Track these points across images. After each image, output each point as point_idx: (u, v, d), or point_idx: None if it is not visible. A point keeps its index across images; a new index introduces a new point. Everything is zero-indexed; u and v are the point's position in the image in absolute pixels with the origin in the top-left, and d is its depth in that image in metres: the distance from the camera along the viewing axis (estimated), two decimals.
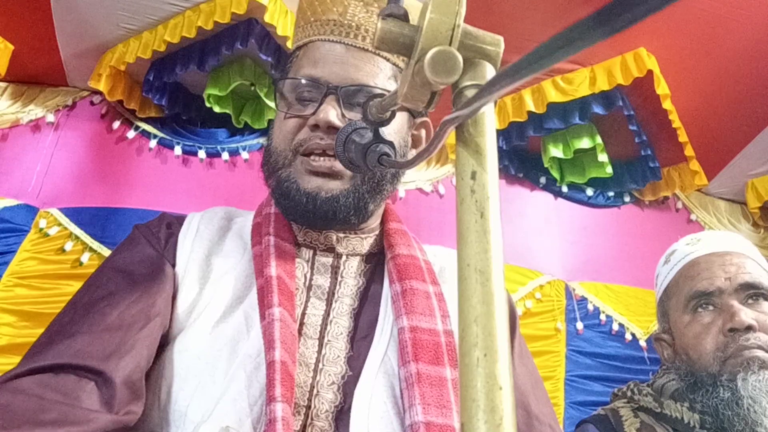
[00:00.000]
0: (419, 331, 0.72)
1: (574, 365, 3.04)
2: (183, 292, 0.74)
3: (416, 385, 0.67)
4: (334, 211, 0.76)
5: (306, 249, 0.81)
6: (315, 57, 0.79)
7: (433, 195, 3.32)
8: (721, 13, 2.47)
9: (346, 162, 0.66)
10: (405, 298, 0.75)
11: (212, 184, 3.05)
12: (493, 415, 0.30)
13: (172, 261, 0.77)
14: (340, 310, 0.77)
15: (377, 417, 0.67)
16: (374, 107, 0.58)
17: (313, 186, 0.76)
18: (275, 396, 0.62)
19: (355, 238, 0.83)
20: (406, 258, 0.80)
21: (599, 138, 3.10)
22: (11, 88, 3.02)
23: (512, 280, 3.08)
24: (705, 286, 1.11)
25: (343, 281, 0.80)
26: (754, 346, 1.03)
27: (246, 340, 0.69)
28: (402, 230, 0.86)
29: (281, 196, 0.79)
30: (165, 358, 0.70)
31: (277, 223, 0.80)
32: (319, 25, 0.81)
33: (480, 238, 0.34)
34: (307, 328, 0.74)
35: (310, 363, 0.71)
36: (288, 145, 0.79)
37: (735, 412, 1.00)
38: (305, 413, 0.68)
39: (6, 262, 2.64)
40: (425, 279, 0.79)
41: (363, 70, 0.78)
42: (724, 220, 3.60)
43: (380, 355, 0.72)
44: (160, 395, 0.67)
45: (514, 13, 2.49)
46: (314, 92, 0.78)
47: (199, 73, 2.83)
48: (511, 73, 0.29)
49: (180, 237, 0.80)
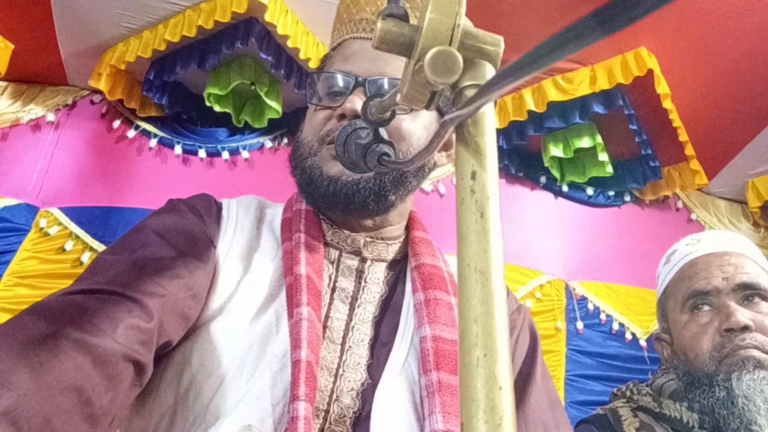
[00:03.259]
0: (441, 340, 0.72)
1: (574, 365, 3.04)
2: (222, 280, 0.73)
3: (437, 394, 0.67)
4: (353, 194, 0.76)
5: (333, 249, 0.81)
6: (347, 53, 0.81)
7: (433, 194, 3.32)
8: (721, 12, 2.47)
9: (347, 162, 0.66)
10: (428, 308, 0.75)
11: (212, 184, 3.05)
12: (493, 415, 0.30)
13: (215, 242, 0.76)
14: (362, 316, 0.77)
15: (397, 424, 0.67)
16: (374, 107, 0.58)
17: (336, 170, 0.76)
18: (299, 395, 0.62)
19: (381, 244, 0.83)
20: (430, 268, 0.80)
21: (599, 137, 3.10)
22: (11, 87, 3.02)
23: (512, 279, 3.09)
24: (702, 285, 1.11)
25: (367, 287, 0.80)
26: (749, 346, 1.03)
27: (275, 339, 0.69)
28: (427, 240, 0.87)
29: (306, 183, 0.79)
30: (193, 344, 0.69)
31: (308, 221, 0.80)
32: (353, 24, 0.83)
33: (480, 238, 0.34)
34: (331, 332, 0.74)
35: (332, 368, 0.71)
36: (316, 136, 0.80)
37: (730, 411, 1.00)
38: (324, 417, 0.68)
39: (6, 262, 2.65)
40: (448, 290, 0.79)
41: (392, 65, 0.78)
42: (725, 219, 3.60)
43: (401, 361, 0.72)
44: (181, 380, 0.67)
45: (514, 13, 2.49)
46: (344, 86, 0.79)
47: (199, 72, 2.83)
48: (511, 73, 0.29)
49: (223, 222, 0.79)
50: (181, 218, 0.77)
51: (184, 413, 0.65)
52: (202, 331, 0.70)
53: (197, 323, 0.70)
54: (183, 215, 0.78)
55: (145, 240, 0.72)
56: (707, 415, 1.04)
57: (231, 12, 2.48)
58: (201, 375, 0.66)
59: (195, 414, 0.64)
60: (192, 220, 0.77)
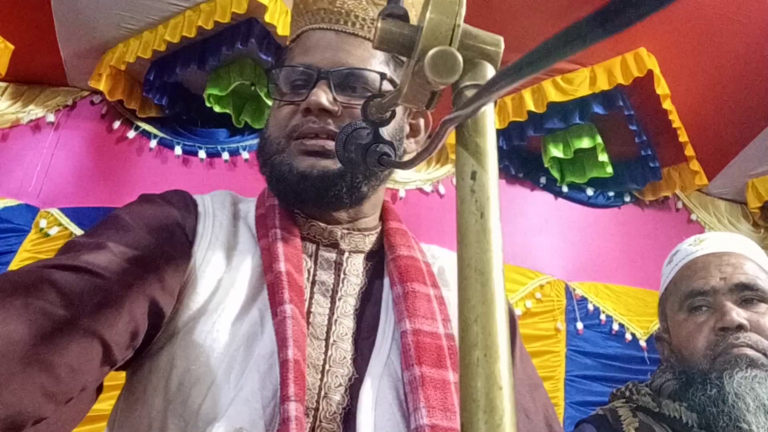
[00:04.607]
0: (422, 334, 0.72)
1: (574, 365, 3.04)
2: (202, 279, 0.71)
3: (420, 389, 0.67)
4: (326, 188, 0.75)
5: (309, 243, 0.81)
6: (307, 45, 0.80)
7: (433, 195, 3.32)
8: (721, 13, 2.47)
9: (346, 162, 0.66)
10: (407, 301, 0.75)
11: (212, 184, 3.05)
12: (493, 415, 0.30)
13: (191, 238, 0.75)
14: (344, 310, 0.76)
15: (383, 420, 0.67)
16: (374, 107, 0.58)
17: (306, 165, 0.75)
18: (289, 395, 0.62)
19: (357, 235, 0.82)
20: (407, 259, 0.80)
21: (599, 138, 3.10)
22: (11, 88, 3.02)
23: (512, 280, 3.09)
24: (700, 285, 1.11)
25: (347, 279, 0.79)
26: (743, 345, 1.03)
27: (261, 339, 0.68)
28: (402, 230, 0.86)
29: (276, 180, 0.78)
30: (177, 347, 0.68)
31: (282, 216, 0.79)
32: (310, 15, 0.82)
33: (480, 238, 0.34)
34: (314, 328, 0.73)
35: (318, 364, 0.70)
36: (282, 132, 0.79)
37: (720, 408, 1.00)
38: (314, 415, 0.67)
39: (6, 262, 2.64)
40: (426, 282, 0.79)
41: (354, 55, 0.78)
42: (725, 220, 3.60)
43: (384, 357, 0.72)
44: (169, 385, 0.66)
45: (514, 13, 2.49)
46: (306, 79, 0.78)
47: (199, 73, 2.83)
48: (511, 73, 0.29)
49: (200, 218, 0.78)
50: (155, 209, 0.76)
51: (174, 419, 0.64)
52: (186, 334, 0.68)
53: (179, 325, 0.69)
54: (158, 207, 0.76)
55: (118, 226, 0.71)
56: (700, 413, 1.04)
57: (231, 12, 2.49)
58: (188, 379, 0.65)
59: (185, 419, 0.64)
60: (168, 212, 0.76)
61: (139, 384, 0.69)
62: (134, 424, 0.67)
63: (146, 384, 0.68)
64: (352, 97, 0.77)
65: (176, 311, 0.70)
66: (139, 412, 0.67)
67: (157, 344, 0.69)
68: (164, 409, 0.65)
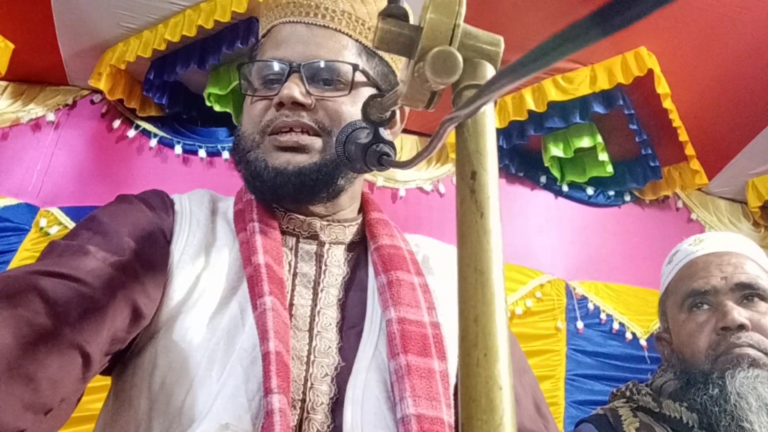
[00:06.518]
0: (407, 322, 0.72)
1: (574, 364, 3.04)
2: (179, 277, 0.71)
3: (406, 378, 0.67)
4: (302, 183, 0.75)
5: (289, 236, 0.81)
6: (278, 39, 0.80)
7: (433, 194, 3.32)
8: (721, 12, 2.47)
9: (345, 162, 0.66)
10: (392, 290, 0.75)
11: (213, 183, 3.04)
12: (493, 415, 0.30)
13: (169, 238, 0.75)
14: (326, 300, 0.76)
15: (371, 410, 0.67)
16: (374, 107, 0.58)
17: (281, 161, 0.76)
18: (272, 388, 0.61)
19: (337, 226, 0.82)
20: (390, 248, 0.80)
21: (600, 137, 3.10)
22: (11, 87, 3.02)
23: (512, 279, 3.09)
24: (701, 285, 1.11)
25: (328, 270, 0.79)
26: (744, 344, 1.03)
27: (242, 333, 0.68)
28: (384, 220, 0.86)
29: (252, 177, 0.78)
30: (157, 347, 0.68)
31: (260, 209, 0.79)
32: (280, 9, 0.82)
33: (480, 238, 0.34)
34: (297, 319, 0.73)
35: (302, 356, 0.70)
36: (256, 128, 0.79)
37: (722, 408, 1.00)
38: (301, 407, 0.67)
39: (6, 261, 2.64)
40: (410, 270, 0.79)
41: (325, 47, 0.78)
42: (725, 219, 3.60)
43: (372, 347, 0.72)
44: (152, 385, 0.66)
45: (514, 13, 2.49)
46: (279, 73, 0.78)
47: (199, 72, 2.83)
48: (511, 73, 0.29)
49: (177, 217, 0.78)
50: (134, 211, 0.75)
51: (159, 418, 0.64)
52: (165, 332, 0.68)
53: (158, 324, 0.69)
54: (136, 208, 0.76)
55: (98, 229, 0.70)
56: (701, 413, 1.04)
57: (231, 12, 2.48)
58: (170, 377, 0.65)
59: (170, 418, 0.63)
60: (145, 213, 0.76)
61: (124, 387, 0.69)
62: (121, 427, 0.67)
63: (131, 386, 0.68)
64: (325, 90, 0.77)
65: (156, 311, 0.70)
66: (126, 416, 0.67)
67: (139, 345, 0.69)
68: (149, 410, 0.65)
